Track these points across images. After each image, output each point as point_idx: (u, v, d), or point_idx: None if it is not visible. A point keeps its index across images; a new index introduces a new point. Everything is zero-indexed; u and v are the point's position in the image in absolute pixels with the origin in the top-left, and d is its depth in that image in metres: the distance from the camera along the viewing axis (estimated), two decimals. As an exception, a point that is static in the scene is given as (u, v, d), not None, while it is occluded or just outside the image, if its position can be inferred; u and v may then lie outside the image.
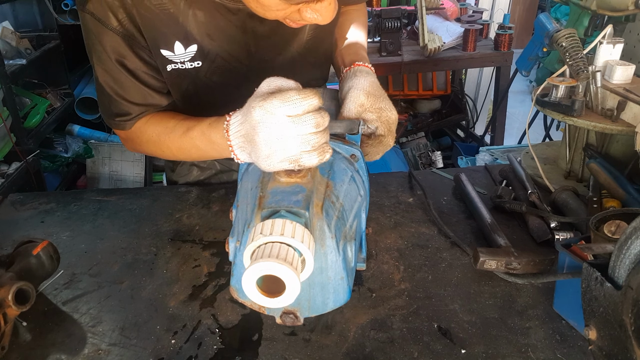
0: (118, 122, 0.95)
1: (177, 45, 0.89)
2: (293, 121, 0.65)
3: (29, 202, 1.15)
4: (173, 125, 0.90)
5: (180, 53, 0.90)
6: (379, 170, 2.81)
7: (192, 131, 0.85)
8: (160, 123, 0.93)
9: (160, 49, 0.88)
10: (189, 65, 0.92)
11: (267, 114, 0.66)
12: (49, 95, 2.87)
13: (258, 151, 0.68)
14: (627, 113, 0.98)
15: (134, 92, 0.92)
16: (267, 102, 0.66)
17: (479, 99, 3.62)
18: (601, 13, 1.17)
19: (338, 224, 0.69)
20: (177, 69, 0.92)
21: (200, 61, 0.92)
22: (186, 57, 0.91)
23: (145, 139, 0.95)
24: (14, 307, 0.73)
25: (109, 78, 0.90)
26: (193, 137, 0.85)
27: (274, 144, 0.67)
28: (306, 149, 0.66)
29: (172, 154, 0.94)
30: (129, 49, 0.87)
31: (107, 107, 0.95)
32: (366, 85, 0.86)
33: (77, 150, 2.97)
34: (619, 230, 0.75)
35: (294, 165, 0.67)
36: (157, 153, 0.97)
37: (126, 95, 0.92)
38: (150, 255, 0.96)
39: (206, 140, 0.82)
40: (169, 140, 0.90)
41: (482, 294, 0.84)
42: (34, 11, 3.08)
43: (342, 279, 0.68)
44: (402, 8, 2.80)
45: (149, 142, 0.95)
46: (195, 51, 0.90)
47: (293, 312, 0.71)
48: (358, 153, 0.80)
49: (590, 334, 0.62)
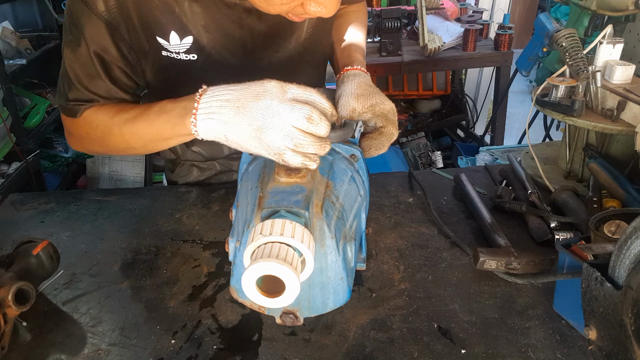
0: (72, 107, 0.91)
1: (172, 35, 0.88)
2: (292, 105, 0.66)
3: (29, 202, 1.15)
4: (131, 107, 0.87)
5: (175, 43, 0.88)
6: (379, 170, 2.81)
7: (150, 108, 0.82)
8: (117, 106, 0.90)
9: (156, 35, 0.87)
10: (184, 57, 0.90)
11: (280, 87, 0.67)
12: (49, 95, 2.86)
13: (245, 120, 0.67)
14: (627, 113, 0.98)
15: (100, 86, 0.89)
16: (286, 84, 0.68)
17: (479, 99, 3.63)
18: (601, 13, 1.17)
19: (338, 224, 0.69)
20: (171, 59, 0.90)
21: (196, 54, 0.90)
22: (182, 48, 0.89)
23: (96, 123, 0.90)
24: (14, 307, 0.73)
25: (77, 65, 0.87)
26: (150, 114, 0.81)
27: (267, 119, 0.66)
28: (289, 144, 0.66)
29: (125, 141, 0.87)
30: (110, 38, 0.85)
31: (65, 90, 0.91)
32: (354, 89, 0.86)
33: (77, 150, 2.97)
34: (619, 230, 0.75)
35: (277, 158, 0.67)
36: (105, 142, 0.90)
37: (90, 87, 0.89)
38: (150, 255, 0.96)
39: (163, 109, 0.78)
40: (123, 123, 0.85)
41: (482, 294, 0.84)
42: (34, 11, 3.08)
43: (342, 279, 0.68)
44: (402, 8, 2.80)
45: (99, 128, 0.89)
46: (190, 43, 0.89)
47: (293, 312, 0.71)
48: (358, 153, 0.80)
49: (590, 334, 0.62)
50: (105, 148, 0.93)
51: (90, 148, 0.96)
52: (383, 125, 0.86)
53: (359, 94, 0.85)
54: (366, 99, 0.85)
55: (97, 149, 0.95)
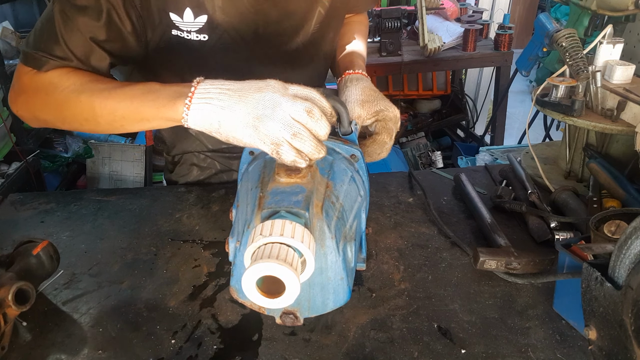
0: (40, 57, 0.81)
1: (187, 12, 0.86)
2: (293, 100, 0.66)
3: (29, 202, 1.15)
4: (108, 80, 0.81)
5: (188, 21, 0.86)
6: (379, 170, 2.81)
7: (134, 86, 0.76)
8: (92, 74, 0.82)
9: (170, 11, 0.85)
10: (195, 36, 0.88)
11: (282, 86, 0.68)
12: (49, 95, 2.86)
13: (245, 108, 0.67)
14: (627, 113, 0.98)
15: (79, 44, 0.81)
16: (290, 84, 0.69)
17: (479, 99, 3.63)
18: (601, 13, 1.17)
19: (338, 225, 0.69)
20: (182, 39, 0.88)
21: (207, 34, 0.89)
22: (194, 27, 0.87)
23: (62, 86, 0.80)
24: (14, 307, 0.73)
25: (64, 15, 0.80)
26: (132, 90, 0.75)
27: (268, 109, 0.66)
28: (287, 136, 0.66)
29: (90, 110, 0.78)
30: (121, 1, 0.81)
31: (38, 39, 0.82)
32: (358, 95, 0.87)
33: (77, 150, 2.97)
34: (619, 230, 0.75)
35: (273, 149, 0.67)
36: (64, 109, 0.80)
37: (68, 41, 0.80)
38: (150, 255, 0.96)
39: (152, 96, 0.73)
40: (98, 91, 0.77)
41: (482, 294, 0.84)
42: (34, 11, 3.08)
43: (342, 280, 0.68)
44: (402, 8, 2.80)
45: (63, 92, 0.79)
46: (204, 22, 0.87)
47: (293, 313, 0.71)
48: (358, 153, 0.80)
49: (590, 334, 0.62)
50: (59, 116, 0.82)
51: (38, 113, 0.85)
52: (378, 132, 0.86)
53: (364, 100, 0.86)
54: (371, 106, 0.85)
55: (47, 116, 0.84)
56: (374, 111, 0.85)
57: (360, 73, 0.95)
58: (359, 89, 0.88)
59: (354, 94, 0.87)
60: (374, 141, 0.87)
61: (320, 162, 0.71)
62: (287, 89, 0.69)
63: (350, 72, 0.95)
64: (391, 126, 0.86)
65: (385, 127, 0.86)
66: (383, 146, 0.87)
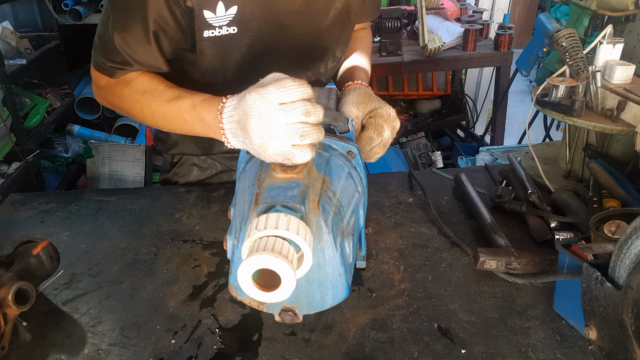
0: (108, 68, 0.92)
1: (219, 5, 0.89)
2: (284, 109, 0.66)
3: (29, 202, 1.15)
4: (163, 88, 0.89)
5: (221, 15, 0.90)
6: (379, 170, 2.81)
7: (182, 100, 0.84)
8: (151, 82, 0.91)
9: (204, 9, 0.88)
10: (225, 30, 0.92)
11: (261, 99, 0.67)
12: (49, 95, 2.87)
13: (251, 140, 0.69)
14: (627, 113, 0.98)
15: (141, 51, 0.90)
16: (263, 88, 0.67)
17: (479, 99, 3.63)
18: (601, 13, 1.17)
19: (335, 220, 0.69)
20: (213, 37, 0.92)
21: (236, 27, 0.92)
22: (225, 20, 0.91)
23: (127, 93, 0.92)
24: (14, 307, 0.73)
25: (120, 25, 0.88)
26: (181, 107, 0.84)
27: (264, 133, 0.67)
28: (295, 142, 0.66)
29: (153, 118, 0.90)
30: (165, 5, 0.86)
31: (104, 49, 0.92)
32: (354, 98, 0.89)
33: (77, 150, 2.98)
34: (619, 230, 0.75)
35: (287, 161, 0.68)
36: (134, 112, 0.93)
37: (129, 51, 0.89)
38: (150, 255, 0.96)
39: (196, 115, 0.81)
40: (154, 102, 0.88)
41: (482, 294, 0.84)
42: (34, 11, 3.08)
43: (340, 275, 0.68)
44: (402, 8, 2.81)
45: (129, 98, 0.92)
46: (234, 14, 0.90)
47: (292, 310, 0.71)
48: (355, 150, 0.80)
49: (590, 334, 0.62)
50: (132, 115, 0.96)
51: (117, 107, 0.99)
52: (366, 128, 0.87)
53: (359, 101, 0.89)
54: (366, 105, 0.88)
55: (124, 111, 0.98)
56: (368, 110, 0.88)
57: (360, 83, 0.98)
58: (355, 93, 0.91)
59: (350, 98, 0.90)
60: (361, 138, 0.87)
61: (316, 158, 0.71)
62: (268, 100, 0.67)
63: (350, 83, 0.99)
64: (381, 123, 0.86)
65: (374, 123, 0.86)
66: (371, 142, 0.87)
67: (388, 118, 0.87)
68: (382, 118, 0.87)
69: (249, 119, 0.68)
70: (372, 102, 0.88)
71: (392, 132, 0.88)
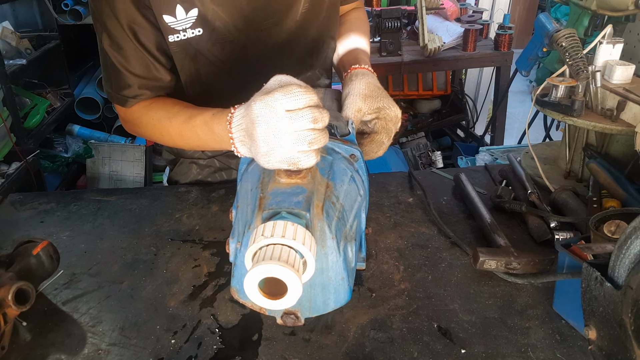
0: (120, 97, 0.95)
1: (178, 9, 0.88)
2: (290, 117, 0.65)
3: (29, 202, 1.15)
4: (176, 111, 0.90)
5: (181, 18, 0.89)
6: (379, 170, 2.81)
7: (195, 119, 0.85)
8: (163, 107, 0.93)
9: (163, 14, 0.88)
10: (190, 33, 0.91)
11: (267, 107, 0.66)
12: (49, 95, 2.87)
13: (257, 147, 0.68)
14: (627, 113, 0.98)
15: (136, 62, 0.92)
16: (269, 95, 0.66)
17: (479, 99, 3.62)
18: (601, 13, 1.17)
19: (338, 225, 0.69)
20: (179, 41, 0.92)
21: (201, 28, 0.92)
22: (187, 23, 0.90)
23: (145, 121, 0.95)
24: (14, 307, 0.73)
25: (114, 46, 0.90)
26: (195, 126, 0.85)
27: (271, 141, 0.66)
28: (303, 148, 0.66)
29: (172, 140, 0.94)
30: (136, 10, 0.87)
31: (111, 78, 0.95)
32: (363, 89, 0.86)
33: (77, 150, 2.98)
34: (618, 230, 0.75)
35: (292, 167, 0.67)
36: (156, 137, 0.97)
37: (128, 66, 0.92)
38: (150, 255, 0.96)
39: (208, 131, 0.82)
40: (170, 126, 0.90)
41: (482, 294, 0.84)
42: (34, 11, 3.08)
43: (342, 280, 0.68)
44: (402, 8, 2.80)
45: (149, 125, 0.95)
46: (196, 16, 0.90)
47: (294, 313, 0.71)
48: (357, 153, 0.80)
49: (590, 333, 0.62)
50: (156, 140, 0.99)
51: (142, 135, 1.03)
52: (377, 132, 0.86)
53: (367, 94, 0.85)
54: (374, 101, 0.85)
55: (149, 138, 1.03)
56: (376, 107, 0.85)
57: (366, 68, 0.95)
58: (363, 83, 0.87)
59: (358, 88, 0.87)
60: (372, 140, 0.87)
61: (320, 162, 0.71)
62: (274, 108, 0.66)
63: (356, 66, 0.95)
64: (391, 127, 0.86)
65: (385, 127, 0.86)
66: (380, 146, 0.87)
67: (396, 120, 0.86)
68: (392, 121, 0.86)
69: (256, 127, 0.67)
70: (380, 98, 0.86)
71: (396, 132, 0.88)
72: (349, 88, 0.88)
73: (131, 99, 0.95)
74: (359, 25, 1.16)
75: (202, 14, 0.90)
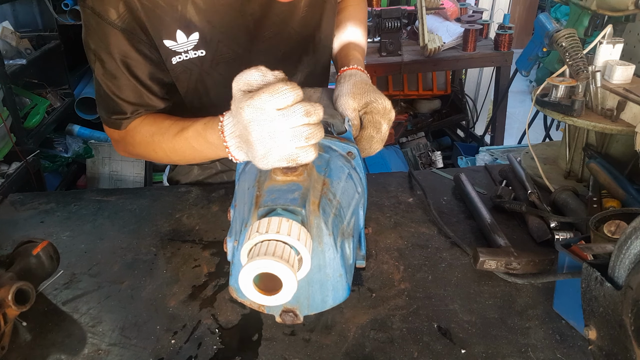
0: (114, 121, 0.95)
1: (179, 33, 0.89)
2: (283, 114, 0.64)
3: (29, 202, 1.15)
4: (167, 125, 0.89)
5: (182, 42, 0.90)
6: (379, 170, 2.81)
7: (187, 131, 0.84)
8: (155, 123, 0.92)
9: (163, 39, 0.88)
10: (193, 54, 0.92)
11: (257, 110, 0.64)
12: (49, 95, 2.87)
13: (254, 151, 0.68)
14: (627, 113, 0.98)
15: (129, 92, 0.92)
16: (256, 98, 0.64)
17: (479, 99, 3.63)
18: (601, 13, 1.17)
19: (335, 221, 0.69)
20: (182, 62, 0.92)
21: (204, 50, 0.92)
22: (189, 45, 0.91)
23: (138, 139, 0.94)
24: (14, 307, 0.73)
25: (107, 76, 0.90)
26: (188, 138, 0.84)
27: (267, 143, 0.66)
28: (300, 144, 0.65)
29: (166, 156, 0.92)
30: (129, 44, 0.87)
31: (104, 104, 0.95)
32: (350, 88, 0.87)
33: (77, 150, 2.98)
34: (618, 230, 0.75)
35: (291, 163, 0.67)
36: (150, 155, 0.95)
37: (121, 94, 0.92)
38: (150, 255, 0.96)
39: (202, 141, 0.81)
40: (163, 141, 0.89)
41: (482, 294, 0.84)
42: (34, 11, 3.08)
43: (340, 276, 0.68)
44: (402, 8, 2.80)
45: (142, 143, 0.94)
46: (197, 39, 0.90)
47: (292, 311, 0.71)
48: (354, 150, 0.80)
49: (590, 334, 0.62)
50: (150, 158, 0.99)
51: (135, 155, 1.01)
52: (365, 127, 0.86)
53: (355, 92, 0.86)
54: (362, 97, 0.85)
55: (142, 157, 1.01)
56: (364, 102, 0.85)
57: (355, 68, 0.95)
58: (350, 83, 0.88)
59: (345, 88, 0.87)
60: (361, 137, 0.87)
61: (317, 160, 0.71)
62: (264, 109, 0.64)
63: (345, 69, 0.96)
64: (378, 119, 0.86)
65: (372, 120, 0.86)
66: (371, 140, 0.86)
67: (384, 112, 0.85)
68: (379, 113, 0.85)
69: (251, 132, 0.67)
70: (368, 93, 0.86)
71: (389, 125, 0.87)
72: (337, 90, 0.89)
73: (124, 121, 0.95)
74: (356, 13, 1.15)
75: (203, 37, 0.91)
